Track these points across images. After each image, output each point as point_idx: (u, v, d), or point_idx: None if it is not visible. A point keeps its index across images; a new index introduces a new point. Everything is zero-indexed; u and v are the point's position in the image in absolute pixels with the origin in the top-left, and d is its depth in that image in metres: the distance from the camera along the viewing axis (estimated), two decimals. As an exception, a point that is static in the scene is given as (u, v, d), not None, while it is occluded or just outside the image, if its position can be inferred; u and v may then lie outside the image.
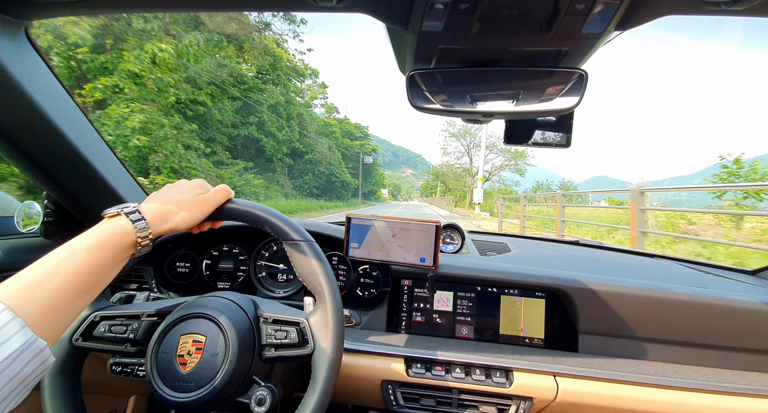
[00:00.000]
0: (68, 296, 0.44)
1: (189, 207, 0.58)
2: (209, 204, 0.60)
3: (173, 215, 0.56)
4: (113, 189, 0.91)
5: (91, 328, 0.60)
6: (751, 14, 0.48)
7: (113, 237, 0.50)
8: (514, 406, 0.79)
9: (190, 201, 0.58)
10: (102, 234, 0.49)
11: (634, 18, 0.47)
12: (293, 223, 0.64)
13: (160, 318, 0.62)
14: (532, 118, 0.70)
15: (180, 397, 0.53)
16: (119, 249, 0.50)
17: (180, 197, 0.58)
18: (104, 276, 0.49)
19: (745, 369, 0.85)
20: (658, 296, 0.87)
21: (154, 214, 0.54)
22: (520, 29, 0.48)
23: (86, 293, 0.47)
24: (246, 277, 1.05)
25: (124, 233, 0.51)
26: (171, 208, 0.57)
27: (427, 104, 0.58)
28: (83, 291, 0.46)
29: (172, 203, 0.57)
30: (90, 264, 0.46)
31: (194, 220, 0.59)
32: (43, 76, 0.70)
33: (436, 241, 0.87)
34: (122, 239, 0.50)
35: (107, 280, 0.50)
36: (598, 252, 1.27)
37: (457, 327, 0.96)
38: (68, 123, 0.75)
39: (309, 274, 0.61)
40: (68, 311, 0.45)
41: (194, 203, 0.59)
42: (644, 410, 0.76)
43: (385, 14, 0.50)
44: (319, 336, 0.58)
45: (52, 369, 0.57)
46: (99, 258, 0.48)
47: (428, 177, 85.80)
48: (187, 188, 0.61)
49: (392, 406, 0.82)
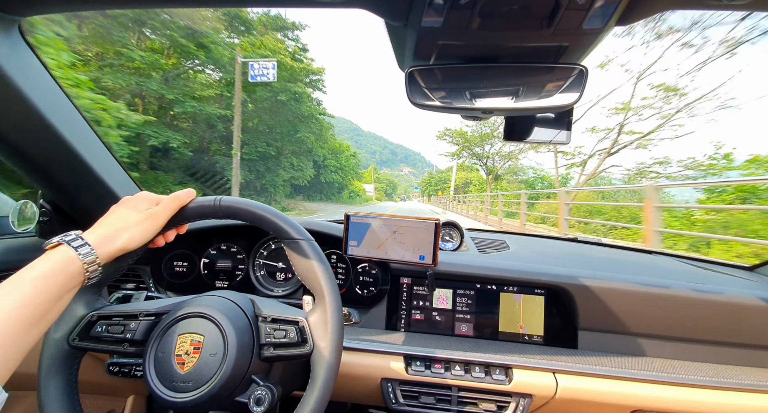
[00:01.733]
0: (14, 330, 0.43)
1: (136, 223, 0.57)
2: (160, 217, 0.59)
3: (120, 234, 0.55)
4: (108, 187, 0.90)
5: (88, 328, 0.60)
6: (752, 9, 0.47)
7: (56, 266, 0.48)
8: (513, 403, 0.79)
9: (136, 217, 0.57)
10: (45, 265, 0.48)
11: (635, 13, 0.46)
12: (292, 221, 0.63)
13: (157, 318, 0.61)
14: (531, 114, 0.70)
15: (178, 397, 0.53)
16: (65, 278, 0.49)
17: (125, 216, 0.57)
18: (53, 307, 0.48)
19: (743, 365, 0.85)
20: (657, 292, 0.87)
21: (99, 237, 0.53)
22: (521, 25, 0.48)
23: (34, 326, 0.45)
24: (244, 276, 1.04)
25: (68, 260, 0.49)
26: (117, 227, 0.55)
27: (426, 100, 0.58)
28: (30, 324, 0.45)
29: (118, 223, 0.56)
30: (35, 296, 0.45)
31: (145, 236, 0.57)
32: (37, 73, 0.69)
33: (435, 239, 0.87)
34: (66, 268, 0.49)
35: (57, 310, 0.49)
36: (596, 249, 1.27)
37: (457, 325, 0.96)
38: (62, 120, 0.75)
39: (308, 273, 0.61)
40: (16, 345, 0.43)
41: (142, 218, 0.57)
42: (643, 406, 0.77)
43: (384, 10, 0.50)
44: (318, 335, 0.57)
45: (48, 370, 0.57)
46: (44, 289, 0.46)
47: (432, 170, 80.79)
48: (131, 204, 0.59)
49: (392, 404, 0.82)
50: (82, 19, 10.25)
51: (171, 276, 1.03)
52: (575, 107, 0.59)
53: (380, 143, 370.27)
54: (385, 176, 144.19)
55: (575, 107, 0.59)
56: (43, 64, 0.70)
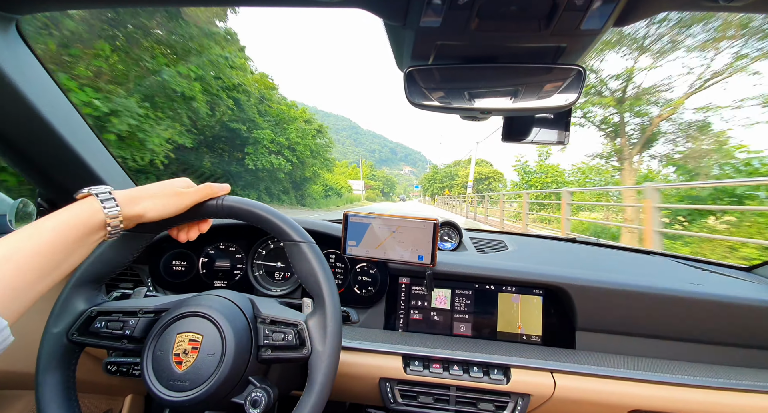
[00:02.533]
0: (30, 275, 0.43)
1: (163, 195, 0.58)
2: (185, 199, 0.60)
3: (145, 200, 0.56)
4: (104, 182, 0.90)
5: (88, 323, 0.60)
6: (748, 11, 0.48)
7: (80, 216, 0.49)
8: (511, 403, 0.79)
9: (166, 190, 0.58)
10: (69, 213, 0.49)
11: (633, 14, 0.46)
12: (293, 223, 0.63)
13: (157, 315, 0.61)
14: (530, 115, 0.70)
15: (175, 396, 0.53)
16: (86, 229, 0.49)
17: (158, 187, 0.58)
18: (69, 257, 0.48)
19: (741, 365, 0.85)
20: (655, 293, 0.87)
21: (126, 196, 0.54)
22: (519, 25, 0.48)
23: (49, 274, 0.46)
24: (243, 275, 1.04)
25: (92, 212, 0.50)
26: (145, 193, 0.56)
27: (425, 100, 0.58)
28: (46, 271, 0.45)
29: (147, 190, 0.57)
30: (54, 243, 0.45)
31: (166, 209, 0.58)
32: (35, 71, 0.69)
33: (433, 239, 0.87)
34: (90, 218, 0.49)
35: (72, 262, 0.49)
36: (595, 249, 1.27)
37: (455, 325, 0.96)
38: (60, 118, 0.74)
39: (309, 276, 0.61)
40: (30, 291, 0.44)
41: (170, 193, 0.58)
42: (641, 406, 0.77)
43: (382, 10, 0.50)
44: (317, 338, 0.57)
45: (46, 365, 0.57)
46: (64, 237, 0.46)
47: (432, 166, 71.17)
48: (170, 182, 0.61)
49: (390, 404, 0.82)
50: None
51: (169, 275, 1.03)
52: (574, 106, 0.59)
53: (379, 142, 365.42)
54: (382, 174, 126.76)
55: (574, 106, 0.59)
56: (41, 63, 0.70)
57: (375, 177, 67.29)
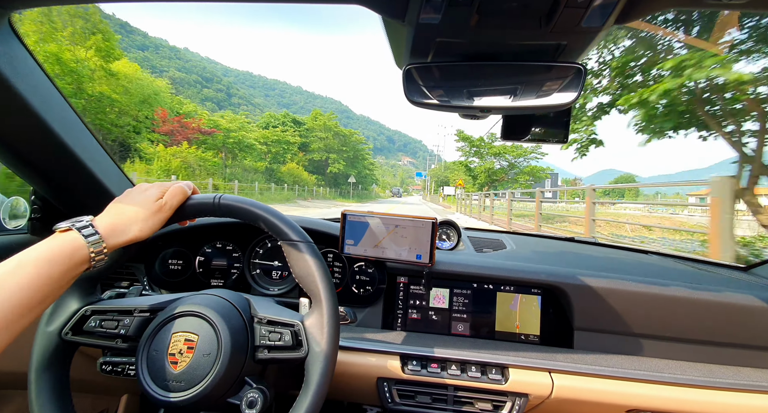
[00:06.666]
0: (12, 313, 0.42)
1: (145, 217, 0.57)
2: (165, 210, 0.59)
3: (129, 226, 0.55)
4: (101, 183, 0.89)
5: (82, 322, 0.59)
6: (750, 8, 0.47)
7: (63, 252, 0.48)
8: (509, 403, 0.79)
9: (147, 209, 0.57)
10: (52, 248, 0.48)
11: (634, 11, 0.46)
12: (291, 222, 0.63)
13: (152, 314, 0.60)
14: (529, 113, 0.69)
15: (170, 397, 0.52)
16: (70, 265, 0.48)
17: (137, 205, 0.57)
18: (52, 292, 0.47)
19: (738, 365, 0.86)
20: (653, 292, 0.87)
21: (109, 227, 0.53)
22: (519, 22, 0.47)
23: (31, 310, 0.45)
24: (240, 274, 1.04)
25: (75, 247, 0.49)
26: (128, 217, 0.55)
27: (424, 98, 0.57)
28: (28, 308, 0.44)
29: (128, 214, 0.56)
30: (37, 279, 0.45)
31: (152, 229, 0.57)
32: (28, 66, 0.68)
33: (432, 238, 0.87)
34: (73, 254, 0.48)
35: (55, 296, 0.48)
36: (593, 249, 1.28)
37: (453, 324, 0.96)
38: (54, 115, 0.73)
39: (306, 276, 0.60)
40: (12, 327, 0.43)
41: (151, 211, 0.57)
42: (639, 406, 0.77)
43: (381, 6, 0.49)
44: (314, 339, 0.57)
45: (40, 364, 0.56)
46: (47, 273, 0.46)
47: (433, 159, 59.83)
48: (145, 195, 0.59)
49: (388, 403, 0.81)
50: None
51: (165, 274, 1.02)
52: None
53: (375, 129, 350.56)
54: (368, 162, 67.11)
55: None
56: (34, 59, 0.69)
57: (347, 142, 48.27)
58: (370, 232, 0.90)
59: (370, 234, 0.90)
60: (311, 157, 44.69)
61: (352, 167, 50.64)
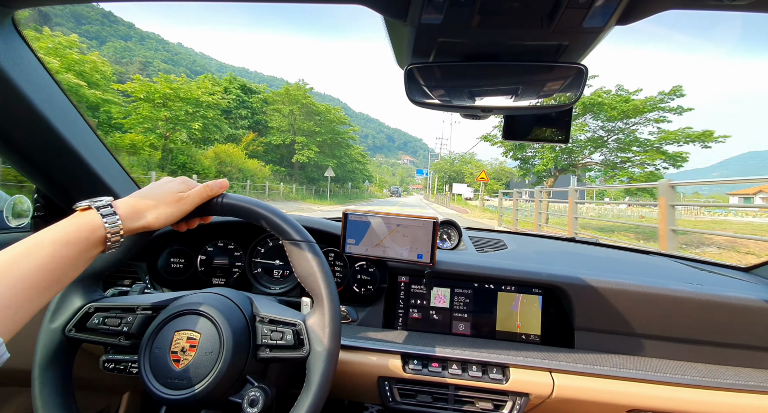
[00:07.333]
0: (27, 292, 0.42)
1: (166, 204, 0.56)
2: (187, 203, 0.59)
3: (148, 211, 0.55)
4: (104, 181, 0.89)
5: (85, 319, 0.59)
6: (752, 9, 0.47)
7: (81, 232, 0.48)
8: (510, 402, 0.79)
9: (167, 198, 0.57)
10: (70, 228, 0.47)
11: (636, 12, 0.46)
12: (293, 221, 0.63)
13: (155, 312, 0.61)
14: (531, 113, 0.69)
15: (171, 394, 0.53)
16: (87, 245, 0.48)
17: (159, 194, 0.57)
18: (67, 273, 0.47)
19: (739, 365, 0.86)
20: (654, 292, 0.87)
21: (128, 210, 0.53)
22: (521, 22, 0.48)
23: (46, 290, 0.45)
24: (241, 273, 1.04)
25: (93, 227, 0.49)
26: (147, 203, 0.55)
27: (425, 98, 0.57)
28: (43, 287, 0.44)
29: (148, 199, 0.56)
30: (53, 259, 0.44)
31: (169, 218, 0.57)
32: (31, 65, 0.68)
33: (433, 237, 0.87)
34: (90, 235, 0.48)
35: (70, 277, 0.48)
36: (594, 249, 1.28)
37: (454, 324, 0.96)
38: (57, 113, 0.74)
39: (308, 275, 0.61)
40: (27, 308, 0.42)
41: (171, 200, 0.57)
42: (639, 406, 0.77)
43: (383, 6, 0.49)
44: (315, 339, 0.57)
45: (43, 361, 0.56)
46: (64, 253, 0.45)
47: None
48: (169, 185, 0.59)
49: (388, 402, 0.82)
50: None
51: (167, 273, 1.02)
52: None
53: (374, 126, 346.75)
54: (357, 152, 51.84)
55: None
56: (37, 57, 0.70)
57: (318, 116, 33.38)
58: (372, 231, 0.90)
59: (371, 234, 0.90)
60: (270, 140, 30.37)
61: (329, 155, 34.71)
